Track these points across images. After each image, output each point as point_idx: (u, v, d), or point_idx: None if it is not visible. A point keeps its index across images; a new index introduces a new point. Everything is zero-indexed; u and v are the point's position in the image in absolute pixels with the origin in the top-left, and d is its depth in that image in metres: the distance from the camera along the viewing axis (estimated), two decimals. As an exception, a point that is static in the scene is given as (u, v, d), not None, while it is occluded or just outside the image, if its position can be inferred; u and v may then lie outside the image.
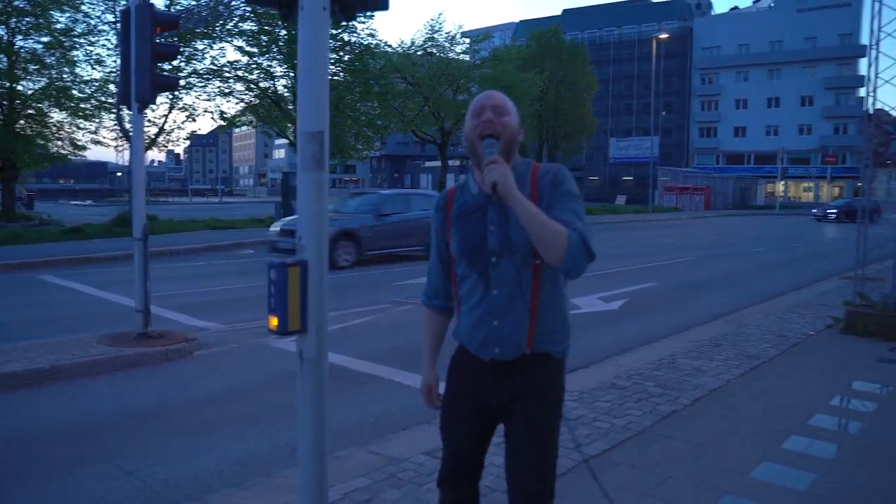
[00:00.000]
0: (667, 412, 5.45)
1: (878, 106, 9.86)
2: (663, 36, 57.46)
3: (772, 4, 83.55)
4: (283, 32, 26.32)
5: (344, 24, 25.68)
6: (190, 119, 26.79)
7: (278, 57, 27.25)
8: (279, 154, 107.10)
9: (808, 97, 79.14)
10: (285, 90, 28.24)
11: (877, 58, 8.93)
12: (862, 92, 77.42)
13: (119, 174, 74.01)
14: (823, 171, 74.66)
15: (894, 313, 8.66)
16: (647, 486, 4.10)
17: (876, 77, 8.93)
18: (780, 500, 3.99)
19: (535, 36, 47.18)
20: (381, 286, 12.80)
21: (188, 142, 42.17)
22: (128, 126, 21.02)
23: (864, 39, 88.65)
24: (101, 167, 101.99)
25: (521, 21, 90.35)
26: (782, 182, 72.85)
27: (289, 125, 27.98)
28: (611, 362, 7.20)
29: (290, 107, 27.62)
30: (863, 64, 70.14)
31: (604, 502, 3.66)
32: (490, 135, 2.41)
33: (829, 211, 46.01)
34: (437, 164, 47.38)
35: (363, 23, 27.53)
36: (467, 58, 39.28)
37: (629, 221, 40.00)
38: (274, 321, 2.83)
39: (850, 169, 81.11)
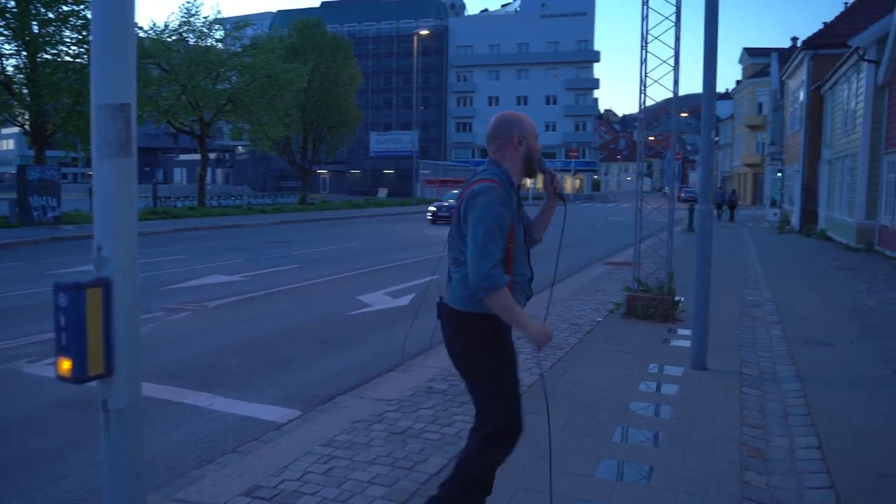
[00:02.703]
0: (493, 415, 5.20)
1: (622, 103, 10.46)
2: (424, 32, 58.74)
3: (518, 9, 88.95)
4: (13, 3, 23.06)
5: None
6: None
7: (6, 32, 23.85)
8: (7, 145, 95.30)
9: (552, 96, 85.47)
10: (16, 71, 24.83)
11: (646, 59, 9.42)
12: (596, 93, 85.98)
13: None
14: (568, 164, 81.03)
15: (668, 297, 9.23)
16: (501, 500, 3.77)
17: (646, 76, 9.42)
18: (632, 499, 3.86)
19: (297, 26, 45.96)
20: (149, 291, 11.48)
21: None
22: None
23: (598, 46, 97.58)
24: None
25: (279, 11, 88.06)
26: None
27: (22, 111, 24.67)
28: (419, 363, 6.87)
29: (24, 90, 24.36)
30: (597, 68, 76.95)
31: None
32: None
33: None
34: (195, 157, 44.63)
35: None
36: (224, 46, 37.20)
37: (397, 214, 40.42)
38: (66, 364, 2.07)
39: (590, 163, 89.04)
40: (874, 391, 6.18)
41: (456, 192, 32.95)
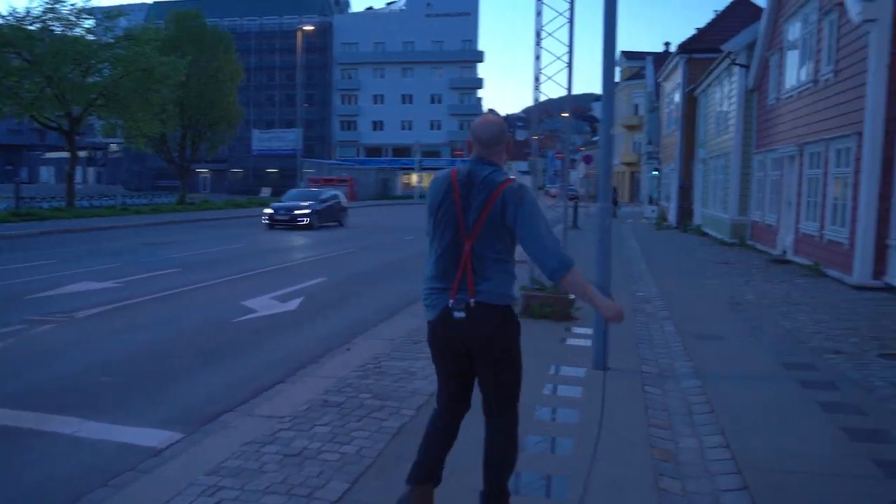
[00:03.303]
0: (395, 428, 4.88)
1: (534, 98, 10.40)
2: (308, 28, 57.53)
3: (403, 7, 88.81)
4: None
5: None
6: None
7: None
8: None
9: (437, 95, 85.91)
10: None
11: (539, 55, 9.34)
12: (480, 93, 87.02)
13: None
14: (453, 163, 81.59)
15: (564, 296, 9.18)
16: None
17: (540, 72, 9.35)
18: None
19: (175, 18, 43.82)
20: (8, 301, 10.44)
21: None
22: None
23: (482, 46, 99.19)
24: None
25: (155, 2, 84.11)
26: (418, 173, 77.93)
27: None
28: (313, 374, 6.46)
29: None
30: (481, 68, 77.63)
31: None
32: None
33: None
34: (64, 154, 41.88)
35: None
36: (95, 36, 34.92)
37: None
38: None
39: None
40: (769, 385, 6.26)
41: (296, 191, 31.17)
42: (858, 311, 10.04)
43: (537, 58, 9.17)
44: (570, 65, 9.18)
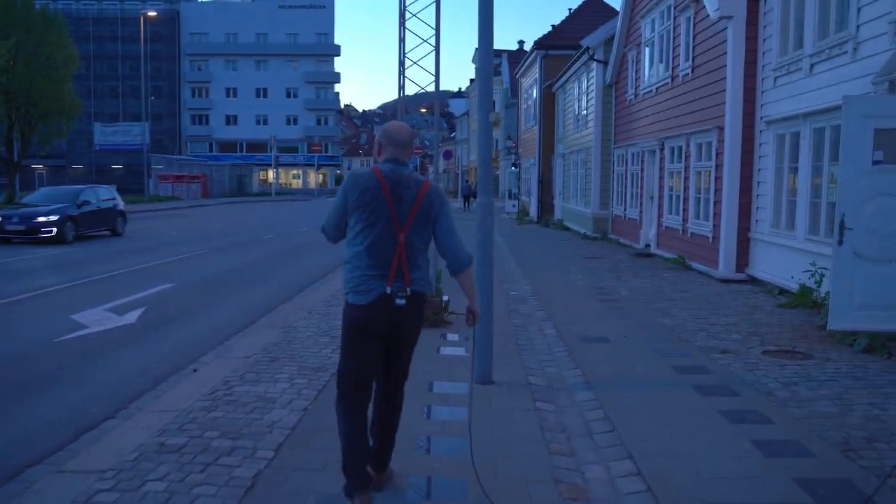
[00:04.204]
0: (248, 479, 3.92)
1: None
2: (151, 14, 53.98)
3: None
4: None
5: None
6: None
7: None
8: None
9: (292, 89, 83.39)
10: None
11: (404, 36, 8.57)
12: (337, 87, 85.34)
13: None
14: (311, 159, 79.65)
15: (437, 298, 8.45)
16: None
17: (405, 56, 8.58)
18: None
19: (-5, -3, 39.67)
20: None
21: None
22: None
23: (339, 40, 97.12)
24: None
25: (-27, -19, 76.48)
26: (275, 170, 75.39)
27: None
28: (149, 406, 5.35)
29: None
30: (337, 62, 76.09)
31: None
32: None
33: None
34: None
35: None
36: None
37: (128, 212, 36.39)
38: None
39: (333, 157, 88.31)
40: (666, 394, 5.78)
41: (47, 190, 23.25)
42: (730, 304, 9.95)
43: (401, 40, 8.37)
44: (437, 48, 8.46)
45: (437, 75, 8.65)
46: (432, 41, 8.44)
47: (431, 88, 8.94)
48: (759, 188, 11.84)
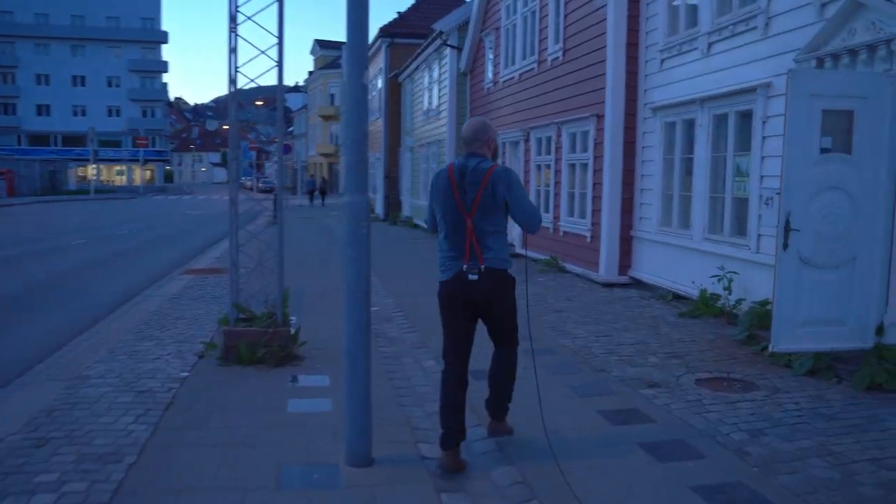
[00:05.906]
0: None
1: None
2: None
3: (67, -25, 77.64)
4: None
5: None
6: None
7: None
8: None
9: (114, 78, 76.65)
10: None
11: (235, 14, 6.54)
12: (166, 77, 79.04)
13: None
14: (136, 153, 73.35)
15: (284, 329, 6.49)
16: None
17: (236, 39, 6.55)
18: None
19: None
20: None
21: None
22: None
23: (165, 26, 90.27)
24: None
25: None
26: (94, 165, 68.73)
27: None
28: None
29: None
30: (165, 50, 70.69)
31: None
32: None
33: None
34: None
35: None
36: None
37: None
38: None
39: (161, 152, 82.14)
40: (610, 461, 4.20)
41: None
42: (626, 315, 8.66)
43: (232, 18, 6.30)
44: (280, 40, 6.55)
45: (280, 65, 6.74)
46: (274, 31, 6.51)
47: (263, 81, 6.97)
48: (643, 181, 10.71)
